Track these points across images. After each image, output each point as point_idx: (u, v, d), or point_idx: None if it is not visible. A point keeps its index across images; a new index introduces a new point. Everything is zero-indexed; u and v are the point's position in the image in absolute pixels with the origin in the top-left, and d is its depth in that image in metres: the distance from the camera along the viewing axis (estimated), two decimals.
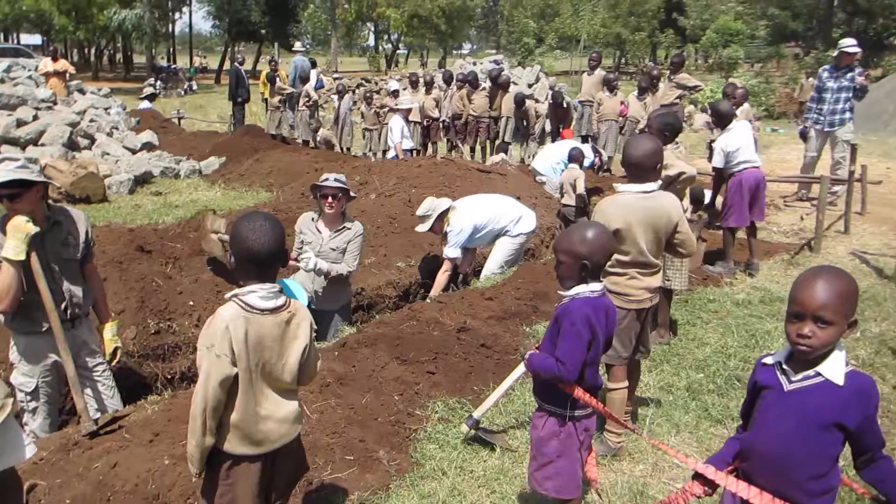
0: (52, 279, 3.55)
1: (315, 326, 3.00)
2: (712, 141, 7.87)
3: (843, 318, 2.06)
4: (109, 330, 3.99)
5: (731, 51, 36.44)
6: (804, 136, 10.36)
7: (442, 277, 6.62)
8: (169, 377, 5.23)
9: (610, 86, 12.04)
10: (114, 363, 4.04)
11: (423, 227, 6.69)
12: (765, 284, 6.55)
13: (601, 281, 2.95)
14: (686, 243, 3.88)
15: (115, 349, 3.98)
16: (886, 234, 8.47)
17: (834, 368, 2.10)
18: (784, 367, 2.19)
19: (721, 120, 7.01)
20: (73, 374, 3.58)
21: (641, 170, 3.77)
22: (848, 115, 9.77)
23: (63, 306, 3.62)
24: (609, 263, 3.42)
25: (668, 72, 11.61)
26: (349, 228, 5.33)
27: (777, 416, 2.18)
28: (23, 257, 3.31)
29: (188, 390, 5.05)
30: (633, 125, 11.60)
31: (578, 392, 2.79)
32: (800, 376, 2.15)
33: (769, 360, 2.26)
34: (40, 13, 30.63)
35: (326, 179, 5.19)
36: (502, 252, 7.01)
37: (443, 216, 6.62)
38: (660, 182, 3.93)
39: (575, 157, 8.79)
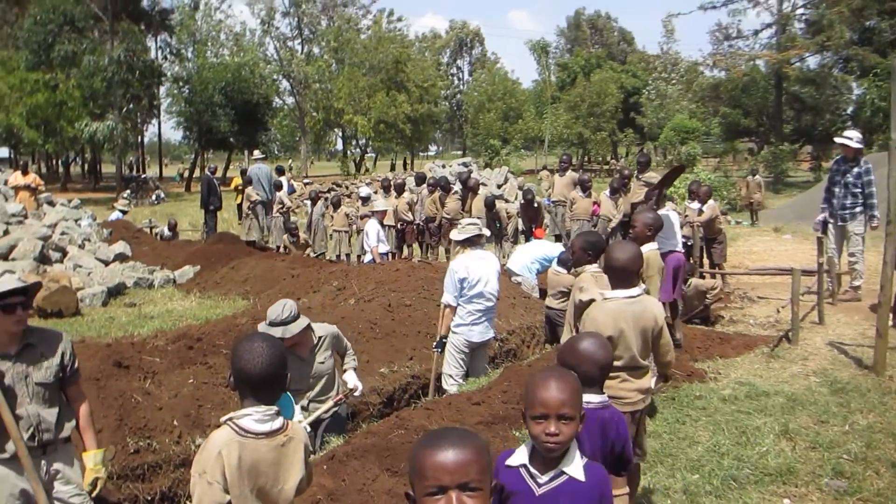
0: (19, 404, 3.40)
1: (311, 449, 2.94)
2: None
3: (578, 412, 2.23)
4: (92, 458, 3.72)
5: (688, 147, 37.86)
6: (823, 229, 9.76)
7: (445, 321, 6.50)
8: (149, 498, 5.03)
9: (584, 186, 12.37)
10: (93, 494, 3.76)
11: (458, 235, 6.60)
12: (749, 379, 6.57)
13: (602, 393, 2.95)
14: (664, 349, 3.94)
15: (96, 479, 3.70)
16: (860, 322, 8.60)
17: (574, 465, 2.24)
18: (530, 469, 2.25)
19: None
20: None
21: (627, 274, 3.84)
22: (858, 208, 9.28)
23: (30, 432, 3.44)
24: None
25: (636, 171, 11.98)
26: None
27: None
28: None
29: None
30: (605, 223, 11.88)
31: None
32: (547, 477, 2.23)
33: (513, 462, 2.31)
34: (9, 128, 30.88)
35: None
36: (451, 349, 6.55)
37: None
38: (644, 286, 4.00)
39: (564, 261, 8.58)
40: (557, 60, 65.42)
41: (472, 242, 6.46)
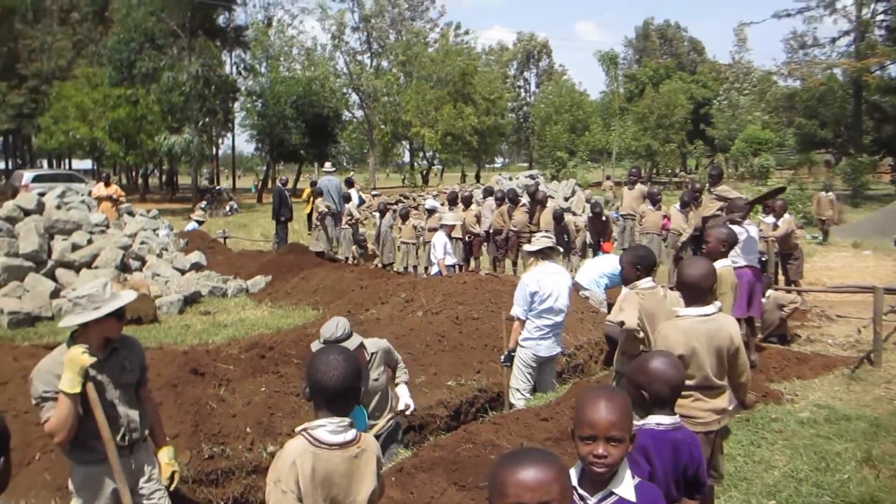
0: (110, 406, 3.56)
1: (383, 461, 2.97)
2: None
3: (628, 434, 2.18)
4: (166, 454, 3.95)
5: (761, 159, 36.83)
6: None
7: (514, 334, 6.45)
8: (223, 503, 5.15)
9: (653, 199, 12.17)
10: (171, 487, 3.97)
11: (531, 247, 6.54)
12: (828, 402, 6.34)
13: (674, 413, 2.89)
14: (740, 369, 3.83)
15: (173, 473, 3.93)
16: None
17: (626, 485, 2.20)
18: (579, 491, 2.21)
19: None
20: None
21: (700, 291, 3.75)
22: None
23: (121, 433, 3.60)
24: None
25: (707, 184, 11.73)
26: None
27: None
28: (78, 389, 3.32)
29: None
30: (675, 237, 11.66)
31: None
32: (596, 499, 2.20)
33: None
34: (93, 141, 32.22)
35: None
36: (518, 363, 6.53)
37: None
38: (718, 304, 3.90)
39: None
40: (626, 72, 64.68)
41: (544, 255, 6.41)
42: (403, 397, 5.26)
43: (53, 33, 42.40)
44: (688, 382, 3.61)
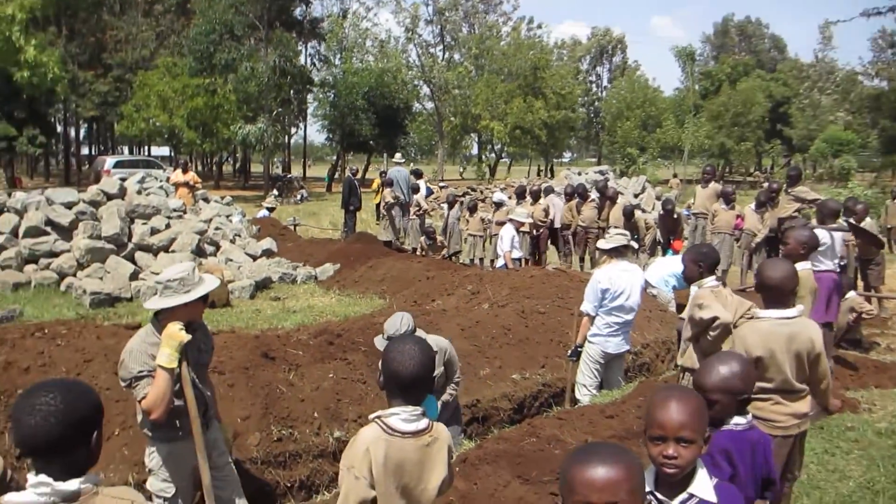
0: (192, 384, 3.69)
1: (454, 450, 2.99)
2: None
3: (701, 436, 2.11)
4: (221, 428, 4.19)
5: (842, 161, 35.48)
6: None
7: (582, 330, 6.42)
8: (289, 485, 5.27)
9: (727, 198, 11.88)
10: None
11: (605, 245, 6.46)
12: None
13: (746, 413, 2.84)
14: (821, 376, 3.72)
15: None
16: None
17: (704, 486, 2.15)
18: (657, 495, 2.15)
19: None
20: (208, 482, 3.62)
21: (781, 294, 3.65)
22: None
23: (202, 410, 3.74)
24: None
25: (784, 185, 11.38)
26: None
27: None
28: (175, 365, 3.45)
29: (308, 501, 5.09)
30: (749, 238, 11.35)
31: None
32: (676, 502, 2.15)
33: None
34: (171, 128, 33.26)
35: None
36: (586, 359, 6.51)
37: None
38: (801, 307, 3.78)
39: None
40: (702, 68, 63.05)
41: (618, 253, 6.35)
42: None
43: (138, 24, 43.89)
44: (767, 385, 3.57)
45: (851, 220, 10.29)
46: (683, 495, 2.15)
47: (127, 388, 3.60)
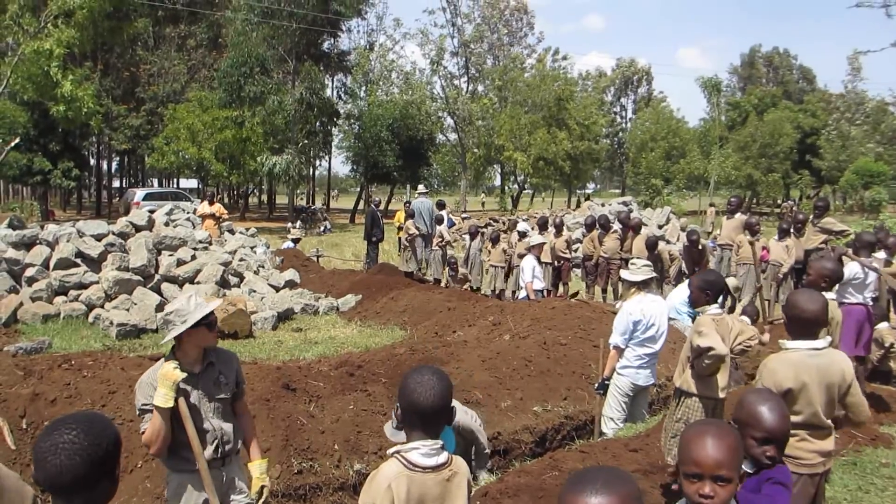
0: (205, 419, 3.67)
1: (472, 484, 2.97)
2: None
3: (737, 473, 2.04)
4: (258, 468, 3.94)
5: (873, 192, 35.01)
6: None
7: (610, 362, 6.36)
8: None
9: (752, 230, 11.78)
10: (259, 502, 3.94)
11: (635, 277, 6.38)
12: None
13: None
14: (857, 407, 3.66)
15: (262, 488, 3.90)
16: None
17: None
18: None
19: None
20: None
21: (812, 324, 3.62)
22: None
23: (214, 445, 3.70)
24: None
25: (812, 216, 11.27)
26: None
27: None
28: (170, 404, 3.45)
29: None
30: (776, 269, 11.23)
31: None
32: None
33: None
34: (200, 161, 33.76)
35: None
36: (614, 391, 6.45)
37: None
38: (829, 339, 3.74)
39: (749, 314, 7.96)
40: (728, 99, 62.80)
41: (645, 284, 6.34)
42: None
43: (171, 59, 44.82)
44: (795, 419, 3.48)
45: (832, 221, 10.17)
46: None
47: (139, 417, 3.64)
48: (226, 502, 3.78)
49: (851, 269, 6.99)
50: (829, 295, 5.30)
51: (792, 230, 11.51)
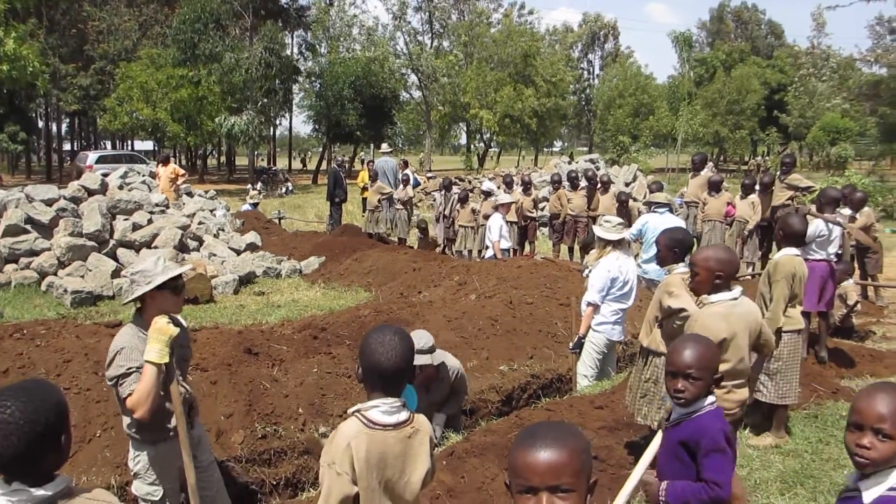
0: (178, 382, 3.59)
1: (435, 441, 2.92)
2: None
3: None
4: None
5: (839, 149, 35.45)
6: None
7: (586, 320, 6.33)
8: (274, 483, 5.16)
9: (714, 187, 11.80)
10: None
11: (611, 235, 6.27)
12: None
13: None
14: (769, 342, 3.97)
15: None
16: None
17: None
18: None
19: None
20: (193, 482, 3.52)
21: (729, 278, 3.84)
22: None
23: (186, 407, 3.62)
24: None
25: (778, 173, 11.29)
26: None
27: None
28: (167, 359, 3.31)
29: (294, 499, 4.98)
30: (741, 226, 11.29)
31: None
32: (872, 493, 2.12)
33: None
34: (155, 122, 32.89)
35: None
36: (590, 349, 6.45)
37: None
38: (741, 289, 3.91)
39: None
40: (696, 55, 62.79)
41: (619, 243, 6.30)
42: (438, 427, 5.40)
43: (121, 15, 43.31)
44: (723, 368, 3.59)
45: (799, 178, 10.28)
46: (880, 488, 2.12)
47: (113, 386, 3.46)
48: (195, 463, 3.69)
49: (816, 225, 7.00)
50: (794, 251, 5.28)
51: (757, 187, 11.54)
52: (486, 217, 12.34)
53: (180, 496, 3.86)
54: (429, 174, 31.66)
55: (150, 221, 12.23)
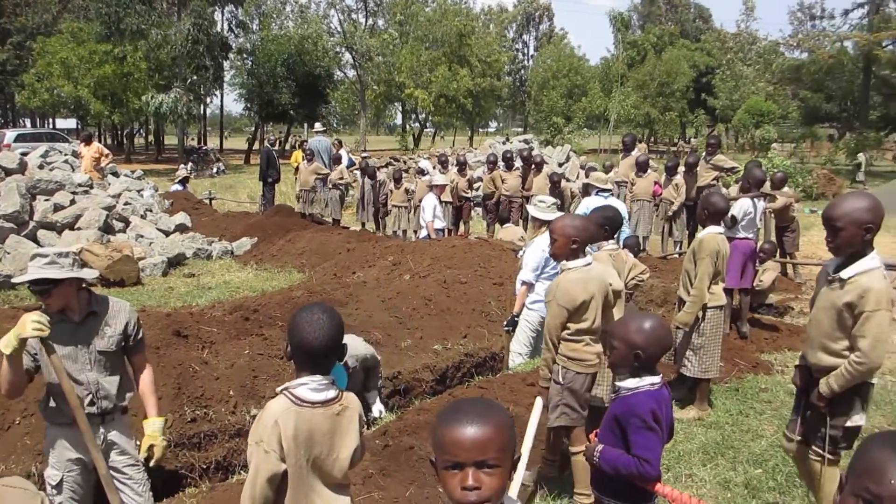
0: (78, 371, 3.43)
1: (365, 419, 2.93)
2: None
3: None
4: (150, 425, 3.65)
5: (763, 131, 36.54)
6: None
7: (520, 299, 6.33)
8: (205, 467, 5.08)
9: (640, 167, 12.05)
10: (150, 463, 3.65)
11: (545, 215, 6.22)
12: None
13: (658, 373, 2.88)
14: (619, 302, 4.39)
15: (151, 447, 3.60)
16: None
17: None
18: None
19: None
20: (104, 472, 3.38)
21: (584, 244, 4.09)
22: None
23: (89, 399, 3.46)
24: (567, 332, 3.93)
25: (703, 153, 11.59)
26: None
27: None
28: (8, 352, 3.21)
29: (225, 482, 4.91)
30: (667, 206, 11.58)
31: (663, 489, 2.75)
32: None
33: None
34: (77, 99, 31.60)
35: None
36: (524, 326, 6.50)
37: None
38: (591, 255, 4.26)
39: (630, 245, 7.96)
40: (628, 38, 63.76)
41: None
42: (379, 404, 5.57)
43: None
44: (581, 326, 3.95)
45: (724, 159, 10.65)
46: None
47: None
48: (108, 465, 3.50)
49: (742, 205, 7.22)
50: (718, 229, 5.45)
51: (682, 168, 11.83)
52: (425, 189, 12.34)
53: (90, 487, 3.63)
54: (364, 154, 31.36)
55: (72, 202, 11.79)
